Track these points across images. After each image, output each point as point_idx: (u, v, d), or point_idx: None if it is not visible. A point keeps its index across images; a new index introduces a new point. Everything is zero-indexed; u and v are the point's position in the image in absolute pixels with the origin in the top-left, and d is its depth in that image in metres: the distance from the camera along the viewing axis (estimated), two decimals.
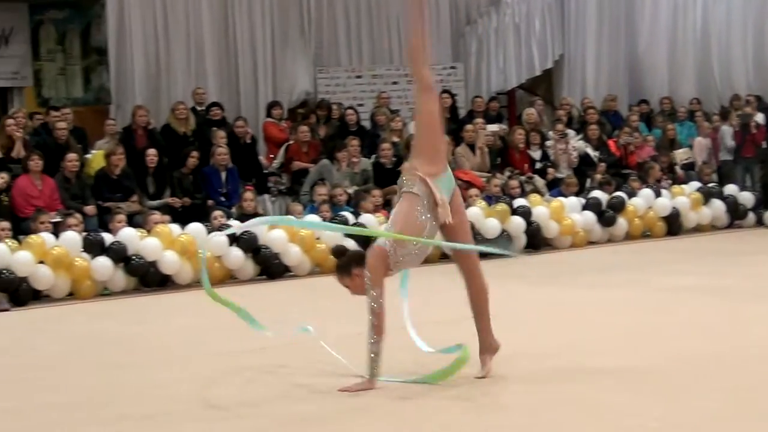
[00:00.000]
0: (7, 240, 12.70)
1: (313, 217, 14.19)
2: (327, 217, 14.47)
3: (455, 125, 18.45)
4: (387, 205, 15.22)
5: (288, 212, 15.06)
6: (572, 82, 21.93)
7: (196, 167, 16.06)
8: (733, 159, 18.94)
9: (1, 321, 11.49)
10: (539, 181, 17.36)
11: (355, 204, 15.32)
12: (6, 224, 13.26)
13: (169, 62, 19.30)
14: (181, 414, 7.00)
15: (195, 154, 16.05)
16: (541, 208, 15.58)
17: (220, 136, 16.60)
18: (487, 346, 7.81)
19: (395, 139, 17.32)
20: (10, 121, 15.41)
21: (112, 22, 19.01)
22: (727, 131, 19.03)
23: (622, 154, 18.75)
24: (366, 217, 14.39)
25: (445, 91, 18.99)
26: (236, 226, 12.54)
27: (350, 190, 15.85)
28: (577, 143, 18.53)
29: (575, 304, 10.97)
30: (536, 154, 18.17)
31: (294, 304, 11.68)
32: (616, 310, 10.50)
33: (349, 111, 18.45)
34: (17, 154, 14.97)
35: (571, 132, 18.86)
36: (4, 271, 12.16)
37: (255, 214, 14.55)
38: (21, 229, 13.61)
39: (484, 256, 8.12)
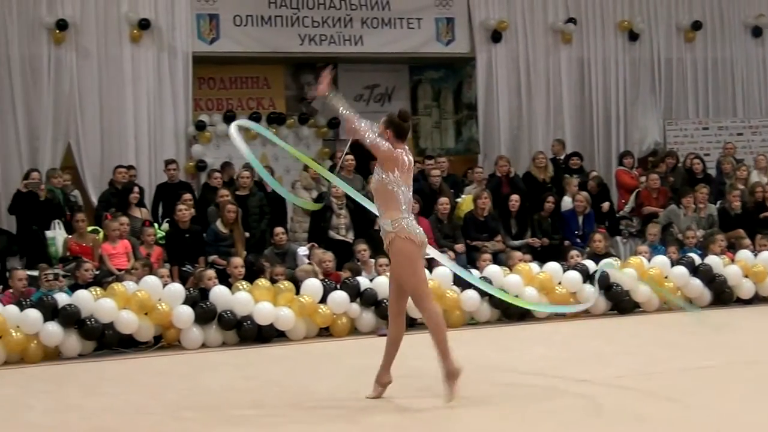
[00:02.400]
0: (388, 274, 13.08)
1: (660, 259, 14.04)
2: (674, 258, 14.28)
3: None
4: (731, 248, 14.93)
5: (636, 253, 14.89)
6: None
7: (552, 211, 16.21)
8: None
9: (382, 344, 11.84)
10: None
11: (703, 246, 15.03)
12: (386, 260, 13.69)
13: (531, 116, 19.61)
14: None
15: (551, 199, 16.22)
16: None
17: (573, 183, 16.74)
18: (448, 372, 7.95)
19: (741, 186, 16.87)
20: None
21: (481, 81, 19.52)
22: None
23: None
24: (711, 259, 14.14)
25: None
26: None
27: (699, 233, 15.55)
28: None
29: None
30: None
31: (642, 336, 11.57)
32: None
33: (696, 160, 18.09)
34: None
35: None
36: (385, 301, 12.49)
37: (606, 255, 14.49)
38: None
39: None
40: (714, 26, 20.89)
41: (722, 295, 14.01)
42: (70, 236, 14.13)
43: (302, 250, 14.48)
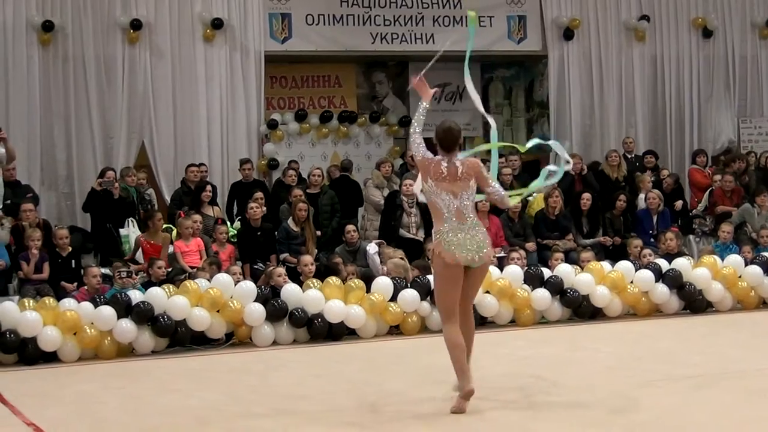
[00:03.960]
0: None
1: (733, 258, 13.86)
2: (748, 257, 14.07)
3: None
4: None
5: (701, 254, 14.69)
6: None
7: (624, 209, 16.07)
8: None
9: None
10: None
11: None
12: None
13: (603, 114, 19.48)
14: None
15: (623, 197, 16.09)
16: None
17: (647, 181, 16.62)
18: (460, 388, 7.76)
19: None
20: None
21: (553, 79, 19.44)
22: None
23: None
24: None
25: None
26: None
27: None
28: None
29: None
30: None
31: (716, 336, 11.44)
32: None
33: None
34: None
35: None
36: None
37: (678, 254, 14.32)
38: None
39: None
40: None
41: None
42: (142, 234, 14.25)
43: (372, 248, 14.47)
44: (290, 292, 12.17)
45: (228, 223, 15.33)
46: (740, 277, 13.63)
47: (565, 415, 7.60)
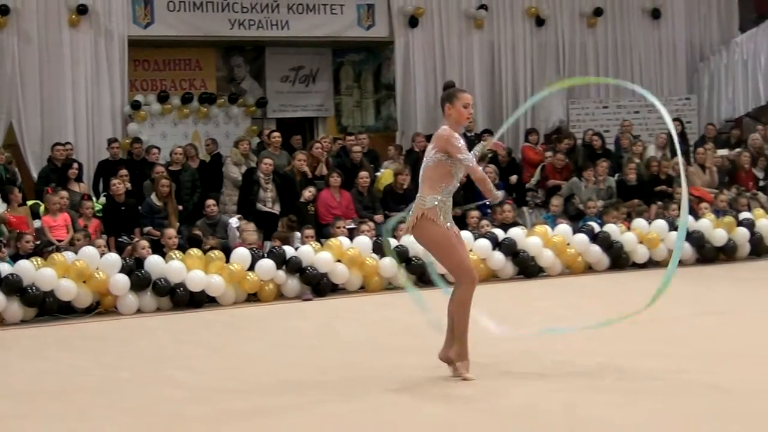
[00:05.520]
0: (312, 243, 13.20)
1: (562, 227, 14.25)
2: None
3: (686, 147, 18.23)
4: (629, 217, 15.18)
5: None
6: None
7: (465, 183, 16.24)
8: None
9: (306, 309, 11.96)
10: (762, 197, 16.84)
11: (601, 215, 15.25)
12: (311, 230, 13.79)
13: None
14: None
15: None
16: (764, 221, 15.11)
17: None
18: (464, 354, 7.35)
19: (637, 160, 17.14)
20: (317, 145, 15.99)
21: (399, 63, 19.58)
22: None
23: None
24: (609, 227, 14.37)
25: (676, 119, 18.78)
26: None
27: (599, 204, 15.75)
28: None
29: None
30: (760, 174, 17.65)
31: (546, 300, 11.74)
32: None
33: (595, 137, 18.32)
34: (320, 172, 15.51)
35: None
36: (309, 268, 12.64)
37: (513, 224, 14.64)
38: (323, 234, 14.11)
39: None
40: (614, 12, 21.14)
41: (619, 260, 14.25)
42: (6, 210, 13.97)
43: (234, 222, 14.47)
44: (153, 263, 12.12)
45: (94, 198, 15.14)
46: (568, 244, 14.02)
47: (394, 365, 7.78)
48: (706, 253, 14.59)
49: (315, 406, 6.79)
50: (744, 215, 15.21)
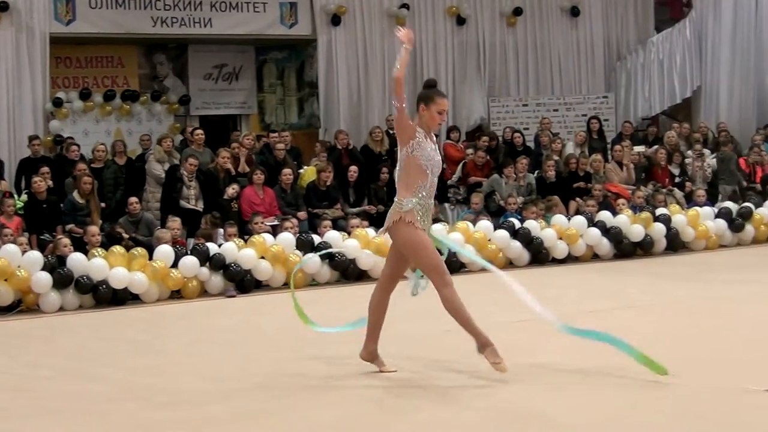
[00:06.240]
0: (235, 239, 13.12)
1: (484, 223, 14.31)
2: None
3: (604, 144, 18.53)
4: (548, 211, 15.35)
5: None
6: (708, 108, 21.46)
7: (387, 180, 16.31)
8: None
9: (229, 305, 11.90)
10: (678, 193, 17.11)
11: (521, 211, 15.36)
12: (233, 228, 13.70)
13: (368, 93, 19.72)
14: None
15: (386, 169, 16.24)
16: (680, 216, 15.35)
17: None
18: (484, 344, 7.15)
19: (556, 157, 17.32)
20: (234, 144, 16.02)
21: (322, 61, 19.56)
22: None
23: (750, 170, 18.32)
24: (529, 223, 14.48)
25: (594, 117, 19.11)
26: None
27: (519, 200, 15.87)
28: (711, 161, 18.23)
29: (714, 298, 10.78)
30: (676, 170, 17.94)
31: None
32: (750, 301, 10.33)
33: (516, 134, 18.48)
34: (242, 169, 15.44)
35: (706, 151, 18.53)
36: (233, 265, 12.56)
37: (435, 220, 14.66)
38: (246, 231, 14.03)
39: None
40: (534, 11, 21.33)
41: (539, 255, 14.37)
42: None
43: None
44: (76, 260, 11.95)
45: (16, 196, 14.89)
46: (489, 240, 14.09)
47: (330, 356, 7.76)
48: (624, 249, 14.76)
49: (238, 401, 6.75)
50: (660, 211, 15.41)
